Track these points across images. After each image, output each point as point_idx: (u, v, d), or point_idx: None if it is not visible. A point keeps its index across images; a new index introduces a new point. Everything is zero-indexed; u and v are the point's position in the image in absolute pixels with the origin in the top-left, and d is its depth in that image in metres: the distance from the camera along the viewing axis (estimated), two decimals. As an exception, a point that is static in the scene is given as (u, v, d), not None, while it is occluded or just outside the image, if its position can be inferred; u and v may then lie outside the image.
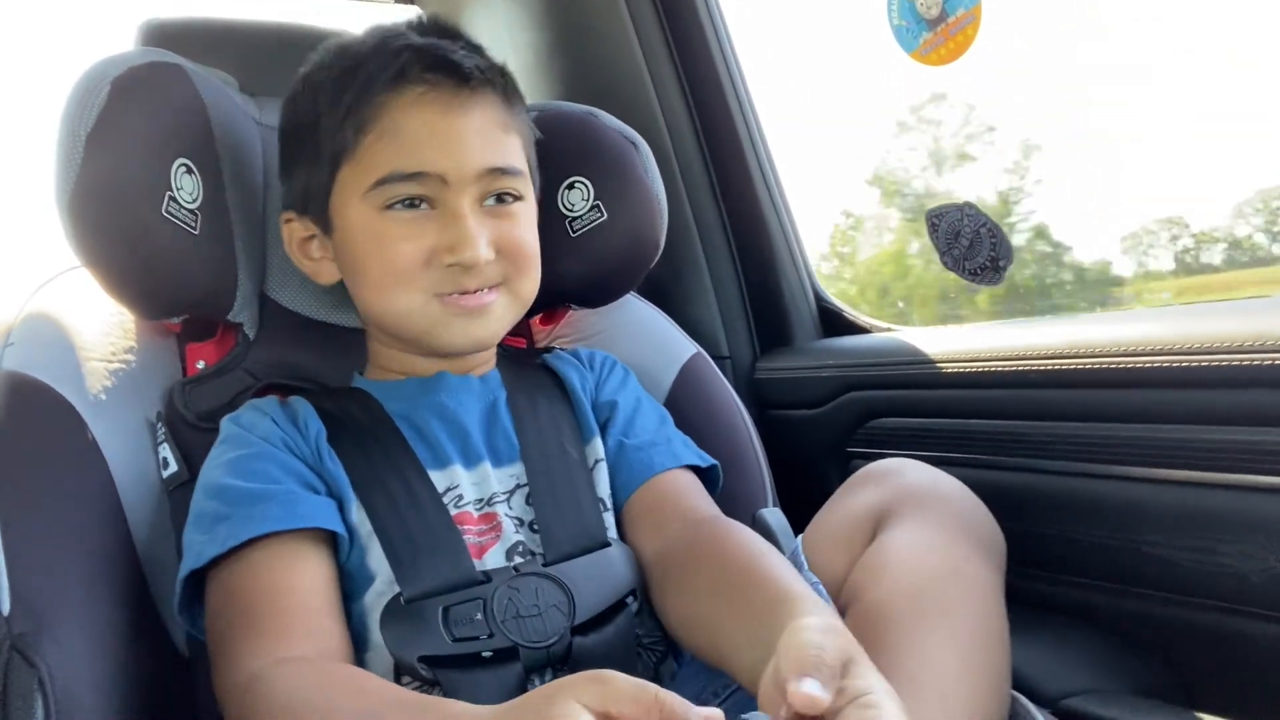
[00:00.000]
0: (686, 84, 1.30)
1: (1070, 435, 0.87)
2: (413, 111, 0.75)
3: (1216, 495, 0.75)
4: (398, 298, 0.77)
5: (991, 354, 0.94)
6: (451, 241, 0.75)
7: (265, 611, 0.64)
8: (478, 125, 0.76)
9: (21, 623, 0.61)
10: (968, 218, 1.00)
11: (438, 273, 0.76)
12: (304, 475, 0.73)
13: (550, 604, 0.70)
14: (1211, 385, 0.75)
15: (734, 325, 1.32)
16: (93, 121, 0.74)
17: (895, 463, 0.78)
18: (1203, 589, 0.77)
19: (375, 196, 0.75)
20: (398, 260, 0.75)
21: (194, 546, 0.68)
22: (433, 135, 0.75)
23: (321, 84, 0.78)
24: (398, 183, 0.74)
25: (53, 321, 0.78)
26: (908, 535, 0.69)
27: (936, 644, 0.61)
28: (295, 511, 0.68)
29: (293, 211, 0.83)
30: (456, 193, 0.75)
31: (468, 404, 0.82)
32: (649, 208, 0.99)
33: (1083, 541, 0.86)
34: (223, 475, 0.71)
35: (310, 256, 0.83)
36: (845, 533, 0.73)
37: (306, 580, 0.67)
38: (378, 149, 0.75)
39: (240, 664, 0.61)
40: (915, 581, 0.65)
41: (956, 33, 0.92)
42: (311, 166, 0.79)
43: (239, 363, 0.86)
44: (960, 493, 0.74)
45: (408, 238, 0.75)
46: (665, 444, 0.84)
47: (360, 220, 0.76)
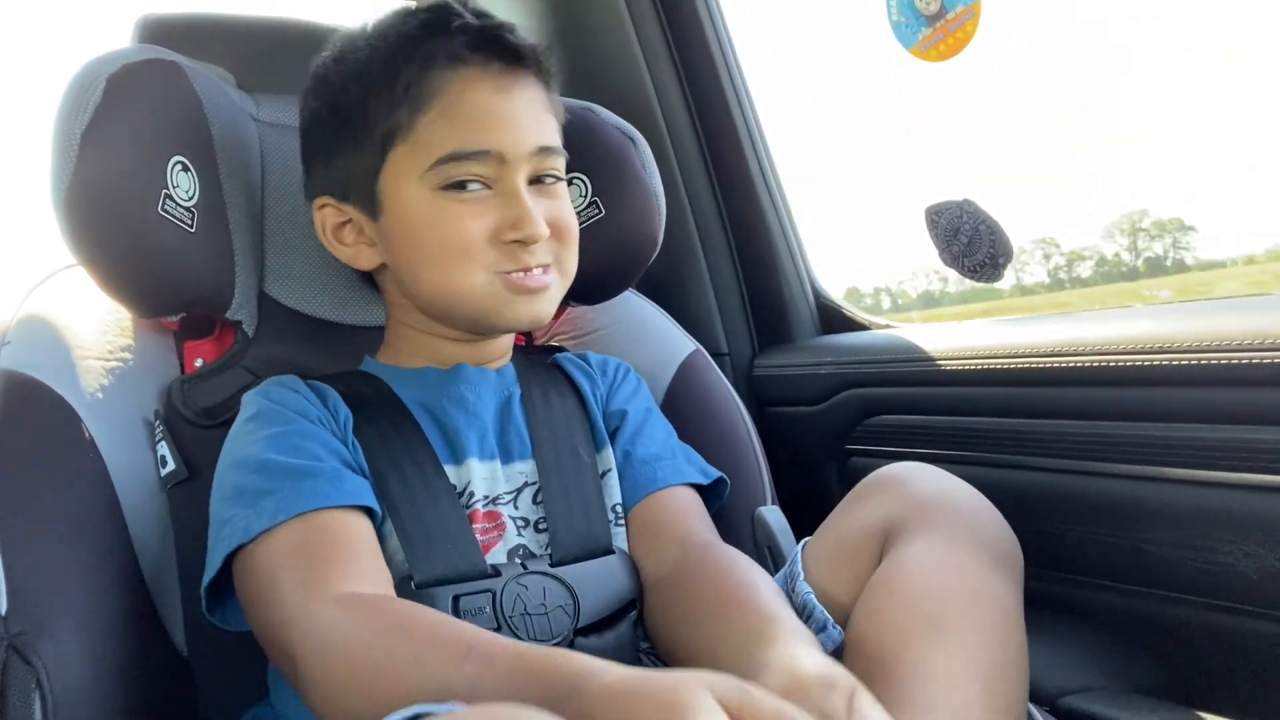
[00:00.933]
0: (685, 80, 1.30)
1: (1069, 433, 0.87)
2: (470, 90, 0.75)
3: (1217, 493, 0.75)
4: (462, 276, 0.76)
5: (991, 351, 0.94)
6: (514, 218, 0.75)
7: (318, 558, 0.62)
8: (528, 104, 0.77)
9: (19, 622, 0.61)
10: (967, 215, 0.99)
11: (500, 250, 0.76)
12: (343, 454, 0.72)
13: (556, 604, 0.70)
14: (1211, 383, 0.75)
15: (733, 322, 1.32)
16: (88, 119, 0.74)
17: (903, 469, 0.73)
18: (1203, 587, 0.77)
19: (433, 176, 0.75)
20: (462, 238, 0.75)
21: (236, 521, 0.65)
22: (490, 114, 0.75)
23: (365, 66, 0.77)
24: (459, 162, 0.74)
25: (49, 320, 0.78)
26: (921, 552, 0.65)
27: (956, 671, 0.58)
28: (343, 489, 0.67)
29: (329, 197, 0.81)
30: (513, 170, 0.76)
31: (485, 397, 0.81)
32: (647, 204, 0.99)
33: (1082, 539, 0.86)
34: (263, 450, 0.69)
35: (345, 242, 0.82)
36: (851, 548, 0.70)
37: (357, 535, 0.66)
38: (436, 128, 0.74)
39: (293, 600, 0.60)
40: (931, 604, 0.61)
41: (956, 29, 0.91)
42: (356, 150, 0.77)
43: (238, 360, 0.86)
44: (976, 502, 0.70)
45: (472, 215, 0.75)
46: (671, 459, 0.84)
47: (418, 201, 0.75)
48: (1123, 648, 0.84)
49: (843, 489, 1.16)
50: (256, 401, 0.75)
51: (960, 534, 0.65)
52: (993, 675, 0.59)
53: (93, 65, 0.77)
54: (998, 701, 0.58)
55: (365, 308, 0.93)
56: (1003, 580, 0.64)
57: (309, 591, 0.60)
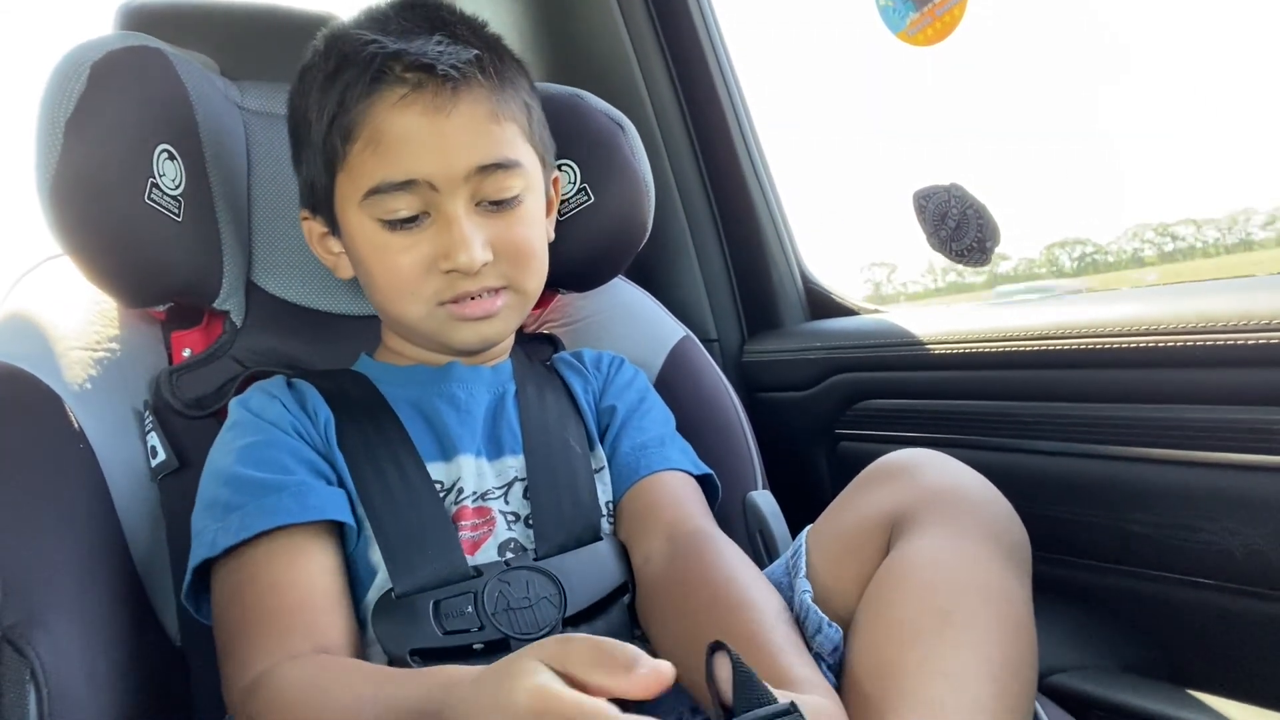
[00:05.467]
0: (673, 66, 1.30)
1: (1056, 415, 0.87)
2: (394, 117, 0.72)
3: (1202, 473, 0.76)
4: (405, 308, 0.77)
5: (979, 335, 0.94)
6: (446, 248, 0.74)
7: (267, 610, 0.64)
8: (464, 123, 0.73)
9: (12, 613, 0.60)
10: (955, 199, 1.00)
11: (438, 280, 0.75)
12: (315, 463, 0.72)
13: (541, 596, 0.70)
14: (1197, 364, 0.75)
15: (722, 308, 1.32)
16: (72, 108, 0.73)
17: (910, 457, 0.70)
18: (1188, 566, 0.78)
19: (370, 207, 0.74)
20: (398, 273, 0.75)
21: (206, 534, 0.67)
22: (417, 140, 0.72)
23: (310, 86, 0.76)
24: (388, 193, 0.73)
25: (36, 310, 0.77)
26: (931, 544, 0.62)
27: (967, 669, 0.55)
28: (306, 504, 0.68)
29: (307, 210, 0.82)
30: (448, 196, 0.73)
31: (478, 394, 0.81)
32: (636, 190, 0.99)
33: (1069, 520, 0.87)
34: (234, 463, 0.70)
35: (330, 251, 0.83)
36: (855, 538, 0.67)
37: (311, 574, 0.67)
38: (364, 158, 0.73)
39: (244, 667, 0.62)
40: (942, 597, 0.59)
41: (943, 13, 0.92)
42: (313, 168, 0.78)
43: (227, 350, 0.86)
44: (986, 492, 0.67)
45: (405, 249, 0.75)
46: (658, 446, 0.83)
47: (360, 230, 0.76)
48: (1111, 626, 0.85)
49: (832, 473, 1.18)
50: (236, 410, 0.76)
51: (972, 526, 0.63)
52: (1005, 674, 0.56)
53: (76, 53, 0.76)
54: (1009, 701, 0.55)
55: (353, 297, 0.93)
56: (1015, 575, 0.62)
57: (262, 651, 0.62)
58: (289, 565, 0.66)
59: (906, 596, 0.60)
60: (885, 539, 0.66)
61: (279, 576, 0.66)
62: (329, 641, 0.64)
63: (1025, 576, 0.63)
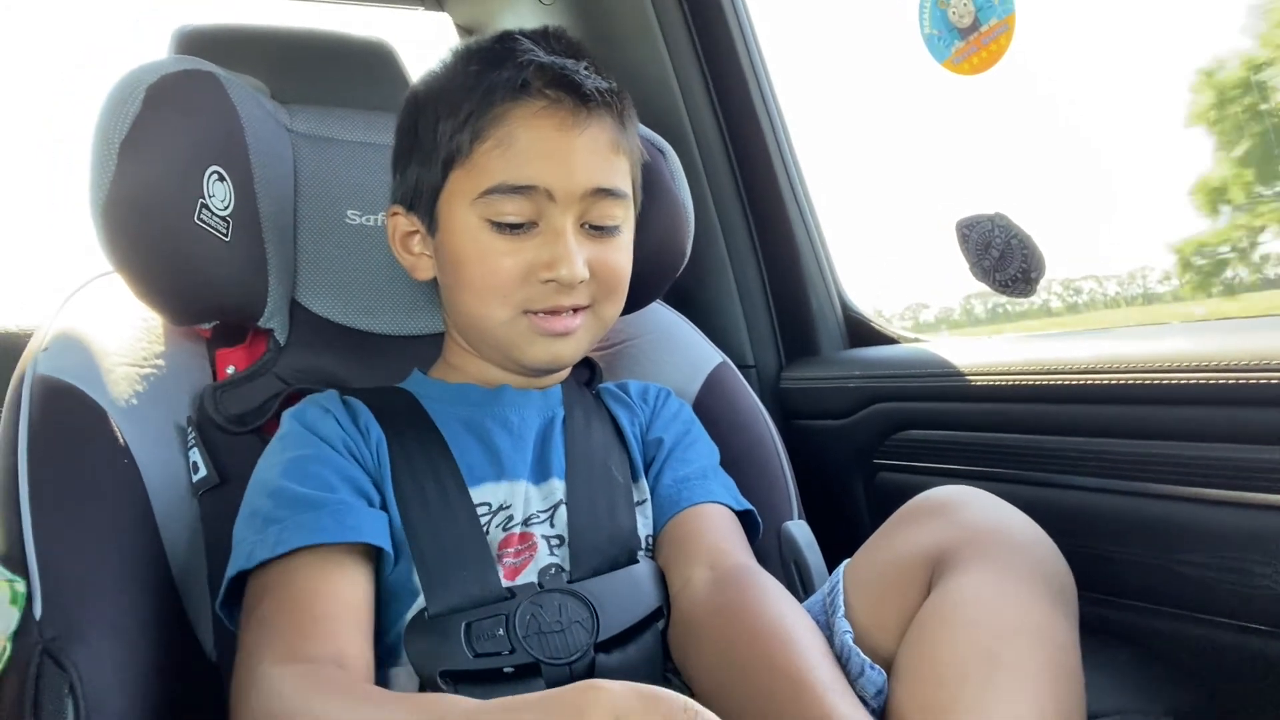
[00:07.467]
0: (714, 91, 1.30)
1: (1101, 451, 0.85)
2: (530, 125, 0.75)
3: (1254, 515, 0.74)
4: (491, 309, 0.78)
5: (1020, 367, 0.93)
6: (551, 258, 0.75)
7: (289, 616, 0.64)
8: (591, 144, 0.77)
9: (53, 627, 0.61)
10: (999, 229, 0.99)
11: (533, 288, 0.77)
12: (359, 482, 0.73)
13: (573, 620, 0.69)
14: (1250, 403, 0.73)
15: (760, 334, 1.31)
16: (127, 129, 0.75)
17: (953, 493, 0.69)
18: (1238, 610, 0.76)
19: (482, 206, 0.76)
20: (497, 274, 0.76)
21: (244, 545, 0.68)
22: (545, 150, 0.75)
23: (445, 87, 0.79)
24: (505, 194, 0.75)
25: (85, 327, 0.79)
26: (976, 583, 0.61)
27: (1019, 715, 0.54)
28: (344, 523, 0.68)
29: (401, 206, 0.84)
30: (561, 210, 0.76)
31: (530, 419, 0.82)
32: (676, 215, 0.99)
33: (1115, 559, 0.84)
34: (279, 475, 0.71)
35: (410, 251, 0.84)
36: (895, 577, 0.66)
37: (340, 590, 0.67)
38: (491, 158, 0.75)
39: (251, 662, 0.61)
40: (989, 639, 0.57)
41: (990, 42, 0.91)
42: (425, 165, 0.80)
43: (270, 368, 0.87)
44: (1030, 531, 0.65)
45: (508, 253, 0.76)
46: (701, 479, 0.83)
47: (465, 227, 0.77)
48: (1157, 670, 0.83)
49: (870, 504, 1.16)
50: (289, 422, 0.77)
51: (1018, 565, 0.61)
52: (1056, 716, 0.55)
53: (132, 76, 0.78)
54: None
55: (396, 317, 0.94)
56: (1062, 616, 0.60)
57: (273, 653, 0.61)
58: (321, 580, 0.66)
59: (952, 637, 0.59)
60: (927, 578, 0.64)
61: (308, 588, 0.66)
62: (345, 655, 0.63)
63: (1072, 618, 0.62)
